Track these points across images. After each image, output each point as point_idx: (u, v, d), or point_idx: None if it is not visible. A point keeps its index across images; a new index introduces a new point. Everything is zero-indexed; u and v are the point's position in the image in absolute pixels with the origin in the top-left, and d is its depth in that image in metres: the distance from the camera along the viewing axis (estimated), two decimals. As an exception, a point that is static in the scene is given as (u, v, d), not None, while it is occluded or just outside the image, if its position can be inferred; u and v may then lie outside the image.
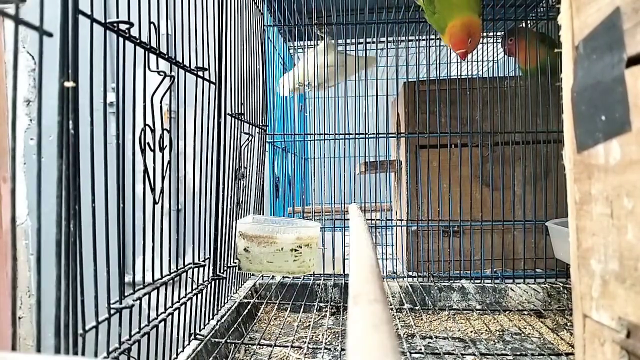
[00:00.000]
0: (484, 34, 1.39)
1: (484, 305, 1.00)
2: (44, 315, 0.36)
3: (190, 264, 0.69)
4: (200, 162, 0.72)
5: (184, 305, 0.66)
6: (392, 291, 1.04)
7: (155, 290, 0.58)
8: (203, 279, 0.74)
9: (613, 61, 0.31)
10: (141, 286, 0.56)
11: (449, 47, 1.00)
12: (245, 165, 0.95)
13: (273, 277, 1.09)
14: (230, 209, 0.84)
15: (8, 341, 0.46)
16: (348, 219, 1.00)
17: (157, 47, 0.57)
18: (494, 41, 1.46)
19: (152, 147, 0.56)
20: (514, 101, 1.11)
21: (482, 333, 0.86)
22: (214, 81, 0.77)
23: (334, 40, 1.30)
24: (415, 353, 0.75)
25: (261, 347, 0.78)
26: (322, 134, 1.14)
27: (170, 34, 0.62)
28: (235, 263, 0.84)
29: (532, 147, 1.09)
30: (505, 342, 0.82)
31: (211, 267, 0.77)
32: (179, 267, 0.66)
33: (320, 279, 1.09)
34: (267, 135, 1.18)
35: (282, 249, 0.82)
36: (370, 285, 0.27)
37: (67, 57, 0.39)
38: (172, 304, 0.64)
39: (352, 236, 0.46)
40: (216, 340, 0.74)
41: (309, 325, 0.92)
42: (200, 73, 0.71)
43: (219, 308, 0.85)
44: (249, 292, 1.01)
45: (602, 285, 0.33)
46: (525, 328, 0.87)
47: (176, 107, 1.66)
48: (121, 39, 0.50)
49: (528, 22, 1.27)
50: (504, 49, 1.14)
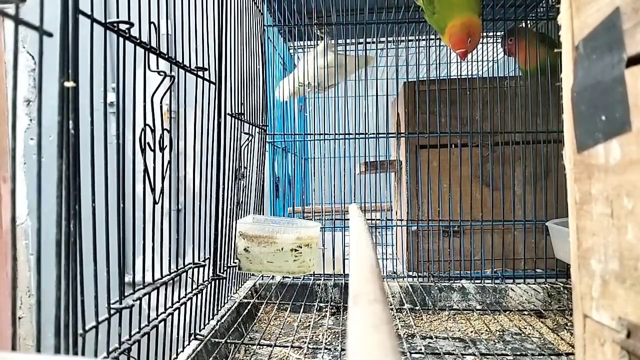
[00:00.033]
0: (484, 34, 1.39)
1: (484, 306, 1.00)
2: (44, 315, 0.36)
3: (190, 264, 0.69)
4: (200, 162, 0.72)
5: (184, 305, 0.66)
6: (392, 291, 1.04)
7: (155, 290, 0.58)
8: (203, 279, 0.74)
9: (613, 61, 0.31)
10: (141, 286, 0.56)
11: (448, 47, 1.00)
12: (245, 165, 0.95)
13: (273, 277, 1.09)
14: (230, 209, 0.84)
15: (8, 341, 0.46)
16: (348, 219, 1.00)
17: (157, 47, 0.57)
18: (494, 41, 1.46)
19: (152, 147, 0.56)
20: (514, 101, 1.11)
21: (482, 333, 0.86)
22: (214, 81, 0.77)
23: (333, 40, 1.30)
24: (416, 353, 0.75)
25: (261, 347, 0.78)
26: (322, 134, 1.14)
27: (170, 34, 0.62)
28: (235, 263, 0.84)
29: (532, 147, 1.09)
30: (505, 342, 0.82)
31: (211, 267, 0.77)
32: (179, 267, 0.66)
33: (320, 279, 1.09)
34: (267, 135, 1.18)
35: (282, 249, 0.82)
36: (370, 285, 0.27)
37: (67, 57, 0.39)
38: (172, 304, 0.64)
39: (352, 236, 0.46)
40: (216, 340, 0.74)
41: (309, 325, 0.92)
42: (200, 73, 0.71)
43: (219, 308, 0.85)
44: (249, 292, 1.01)
45: (602, 285, 0.33)
46: (526, 328, 0.87)
47: (176, 107, 1.66)
48: (121, 39, 0.50)
49: (528, 22, 1.27)
50: (504, 49, 1.14)
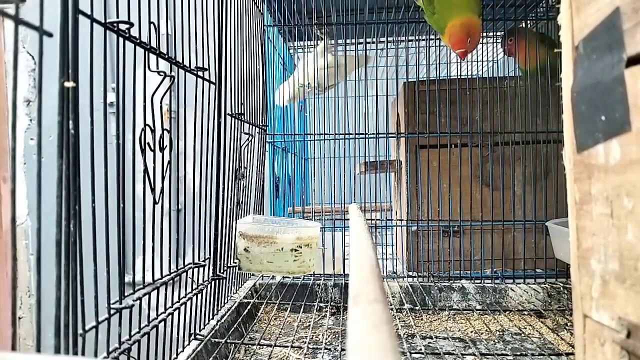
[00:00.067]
0: (484, 34, 1.39)
1: (484, 306, 1.00)
2: (44, 315, 0.36)
3: (190, 264, 0.69)
4: (200, 162, 0.72)
5: (184, 305, 0.66)
6: (392, 291, 1.04)
7: (155, 290, 0.58)
8: (203, 279, 0.74)
9: (613, 61, 0.31)
10: (141, 286, 0.56)
11: (448, 47, 1.00)
12: (245, 165, 0.95)
13: (273, 277, 1.09)
14: (230, 209, 0.84)
15: (8, 341, 0.46)
16: (348, 219, 1.00)
17: (157, 47, 0.57)
18: (494, 41, 1.46)
19: (152, 147, 0.56)
20: (514, 101, 1.11)
21: (482, 333, 0.86)
22: (214, 81, 0.77)
23: (333, 41, 1.30)
24: (416, 353, 0.75)
25: (261, 347, 0.78)
26: (322, 134, 1.14)
27: (170, 34, 0.62)
28: (235, 263, 0.84)
29: (532, 147, 1.09)
30: (505, 342, 0.82)
31: (211, 267, 0.77)
32: (179, 267, 0.66)
33: (320, 279, 1.09)
34: (267, 135, 1.18)
35: (282, 249, 0.82)
36: (370, 285, 0.27)
37: (67, 57, 0.39)
38: (172, 304, 0.64)
39: (352, 236, 0.46)
40: (216, 340, 0.74)
41: (309, 325, 0.92)
42: (200, 73, 0.71)
43: (219, 308, 0.85)
44: (249, 292, 1.01)
45: (602, 285, 0.33)
46: (526, 328, 0.87)
47: (176, 107, 1.66)
48: (121, 39, 0.50)
49: (528, 22, 1.27)
50: (504, 49, 1.14)
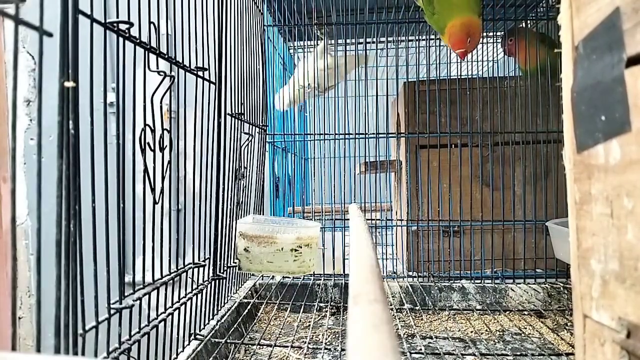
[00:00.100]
0: (484, 34, 1.39)
1: (484, 306, 1.00)
2: (44, 315, 0.36)
3: (190, 264, 0.69)
4: (200, 162, 0.72)
5: (184, 305, 0.66)
6: (392, 291, 1.04)
7: (155, 290, 0.58)
8: (203, 279, 0.74)
9: (613, 61, 0.31)
10: (141, 286, 0.56)
11: (448, 47, 1.00)
12: (245, 165, 0.95)
13: (273, 277, 1.09)
14: (230, 209, 0.84)
15: (8, 341, 0.46)
16: (348, 219, 1.00)
17: (157, 47, 0.57)
18: (494, 41, 1.46)
19: (152, 147, 0.56)
20: (514, 101, 1.11)
21: (482, 333, 0.86)
22: (214, 81, 0.77)
23: (332, 41, 1.30)
24: (416, 353, 0.75)
25: (261, 347, 0.78)
26: (322, 134, 1.14)
27: (170, 34, 0.62)
28: (235, 263, 0.84)
29: (532, 147, 1.09)
30: (505, 342, 0.82)
31: (211, 267, 0.77)
32: (179, 267, 0.66)
33: (320, 279, 1.09)
34: (267, 135, 1.18)
35: (282, 249, 0.82)
36: (370, 285, 0.27)
37: (67, 57, 0.39)
38: (172, 304, 0.64)
39: (352, 236, 0.46)
40: (216, 340, 0.74)
41: (309, 325, 0.92)
42: (200, 73, 0.71)
43: (219, 308, 0.85)
44: (249, 292, 1.01)
45: (602, 285, 0.33)
46: (526, 328, 0.87)
47: (176, 107, 1.66)
48: (121, 39, 0.50)
49: (528, 22, 1.27)
50: (504, 49, 1.14)
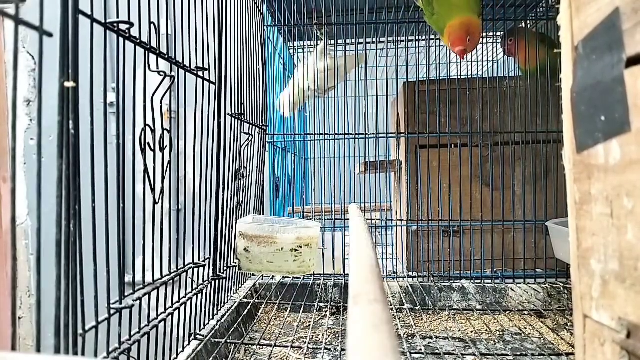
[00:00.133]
0: (484, 34, 1.39)
1: (484, 306, 1.00)
2: (44, 315, 0.36)
3: (190, 264, 0.69)
4: (200, 162, 0.72)
5: (184, 305, 0.66)
6: (392, 291, 1.04)
7: (155, 290, 0.58)
8: (203, 279, 0.74)
9: (613, 61, 0.31)
10: (141, 286, 0.56)
11: (448, 47, 1.00)
12: (245, 166, 0.95)
13: (273, 277, 1.09)
14: (230, 209, 0.84)
15: (8, 341, 0.46)
16: (348, 219, 1.00)
17: (157, 47, 0.57)
18: (494, 41, 1.46)
19: (152, 147, 0.56)
20: (514, 101, 1.11)
21: (482, 333, 0.86)
22: (214, 81, 0.77)
23: (333, 41, 1.30)
24: (416, 353, 0.75)
25: (261, 347, 0.78)
26: (322, 134, 1.14)
27: (170, 34, 0.62)
28: (235, 263, 0.84)
29: (532, 147, 1.09)
30: (505, 342, 0.82)
31: (211, 267, 0.77)
32: (179, 267, 0.66)
33: (320, 279, 1.09)
34: (267, 135, 1.18)
35: (282, 249, 0.82)
36: (370, 285, 0.27)
37: (67, 57, 0.39)
38: (172, 304, 0.64)
39: (352, 236, 0.46)
40: (216, 340, 0.74)
41: (309, 325, 0.92)
42: (200, 73, 0.71)
43: (219, 308, 0.85)
44: (249, 292, 1.01)
45: (602, 285, 0.33)
46: (526, 328, 0.87)
47: (176, 107, 1.66)
48: (121, 39, 0.50)
49: (528, 22, 1.27)
50: (504, 49, 1.14)
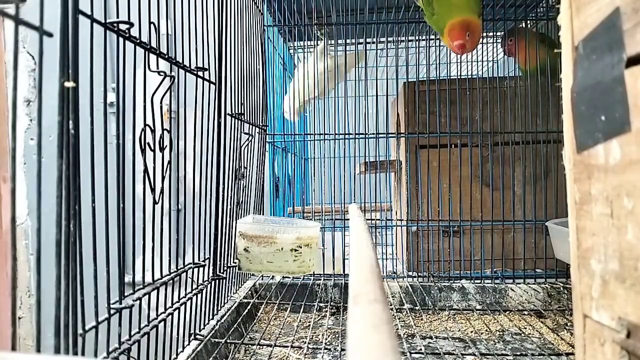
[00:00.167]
0: (484, 34, 1.39)
1: (484, 306, 1.00)
2: (44, 315, 0.36)
3: (190, 264, 0.69)
4: (200, 162, 0.72)
5: (184, 305, 0.66)
6: (392, 291, 1.04)
7: (155, 290, 0.58)
8: (203, 279, 0.74)
9: (613, 61, 0.31)
10: (141, 286, 0.56)
11: (448, 47, 1.00)
12: (245, 165, 0.95)
13: (273, 277, 1.09)
14: (230, 209, 0.84)
15: (8, 341, 0.46)
16: (348, 219, 1.00)
17: (157, 47, 0.57)
18: (494, 41, 1.46)
19: (152, 147, 0.56)
20: (514, 101, 1.11)
21: (482, 333, 0.86)
22: (214, 81, 0.77)
23: (333, 41, 1.29)
24: (416, 353, 0.75)
25: (261, 347, 0.78)
26: (322, 134, 1.14)
27: (170, 34, 0.62)
28: (235, 263, 0.84)
29: (532, 147, 1.09)
30: (505, 342, 0.82)
31: (211, 267, 0.77)
32: (179, 267, 0.66)
33: (320, 279, 1.09)
34: (267, 135, 1.18)
35: (282, 249, 0.82)
36: (370, 285, 0.27)
37: (67, 57, 0.39)
38: (172, 304, 0.64)
39: (352, 236, 0.46)
40: (216, 340, 0.74)
41: (309, 325, 0.92)
42: (200, 73, 0.71)
43: (219, 308, 0.85)
44: (249, 292, 1.01)
45: (602, 285, 0.33)
46: (526, 328, 0.87)
47: (176, 107, 1.66)
48: (121, 39, 0.50)
49: (528, 22, 1.27)
50: (504, 49, 1.14)
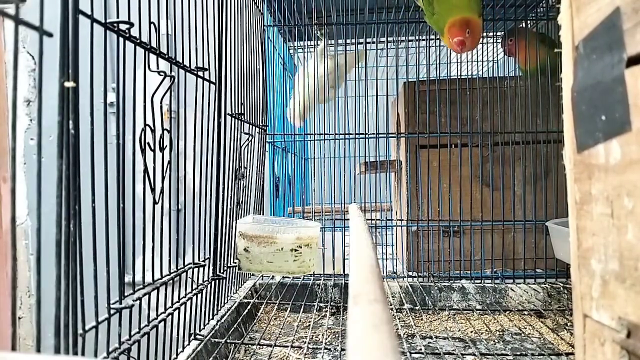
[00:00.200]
0: (484, 34, 1.39)
1: (484, 306, 1.00)
2: (44, 315, 0.36)
3: (190, 264, 0.69)
4: (200, 162, 0.72)
5: (184, 305, 0.66)
6: (392, 291, 1.04)
7: (155, 290, 0.58)
8: (203, 279, 0.74)
9: (613, 61, 0.31)
10: (141, 286, 0.56)
11: (448, 47, 1.00)
12: (245, 165, 0.95)
13: (273, 277, 1.09)
14: (230, 209, 0.84)
15: (8, 341, 0.46)
16: (348, 219, 1.00)
17: (157, 47, 0.57)
18: (494, 41, 1.46)
19: (152, 147, 0.56)
20: (514, 101, 1.11)
21: (482, 333, 0.86)
22: (214, 81, 0.77)
23: (333, 41, 1.29)
24: (415, 353, 0.75)
25: (261, 347, 0.78)
26: (322, 134, 1.14)
27: (170, 34, 0.62)
28: (235, 263, 0.84)
29: (532, 147, 1.09)
30: (505, 342, 0.82)
31: (211, 267, 0.77)
32: (179, 267, 0.66)
33: (320, 279, 1.09)
34: (267, 135, 1.18)
35: (282, 249, 0.82)
36: (370, 285, 0.27)
37: (67, 57, 0.39)
38: (172, 304, 0.64)
39: (352, 236, 0.46)
40: (216, 340, 0.74)
41: (309, 325, 0.92)
42: (200, 73, 0.71)
43: (219, 308, 0.84)
44: (249, 292, 1.01)
45: (602, 285, 0.33)
46: (526, 328, 0.87)
47: (176, 107, 1.66)
48: (121, 39, 0.50)
49: (528, 22, 1.27)
50: (504, 49, 1.14)
